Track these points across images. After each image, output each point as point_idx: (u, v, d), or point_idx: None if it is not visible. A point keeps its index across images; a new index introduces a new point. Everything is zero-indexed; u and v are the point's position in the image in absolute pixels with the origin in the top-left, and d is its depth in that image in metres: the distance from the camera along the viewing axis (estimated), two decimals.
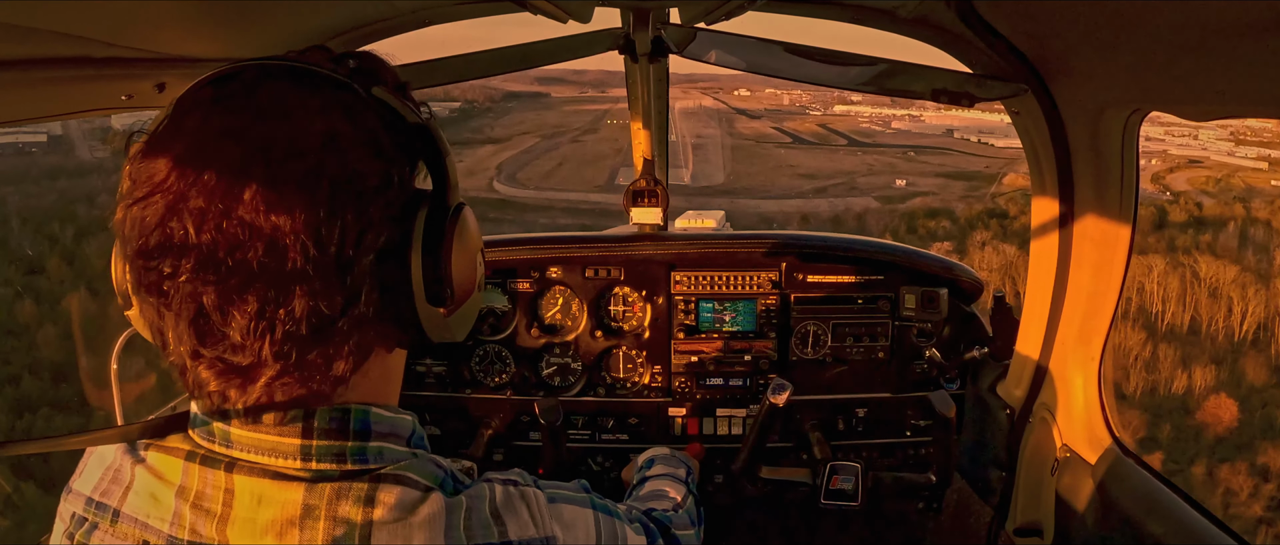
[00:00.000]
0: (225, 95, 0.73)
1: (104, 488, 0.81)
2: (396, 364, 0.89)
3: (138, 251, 0.70)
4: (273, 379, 0.73)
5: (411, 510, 0.76)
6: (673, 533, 1.26)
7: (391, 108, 0.78)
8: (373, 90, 0.78)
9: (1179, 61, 1.21)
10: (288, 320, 0.70)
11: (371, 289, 0.75)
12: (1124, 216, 1.68)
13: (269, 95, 0.73)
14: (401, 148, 0.78)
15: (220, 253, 0.68)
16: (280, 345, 0.71)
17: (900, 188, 75.09)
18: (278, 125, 0.71)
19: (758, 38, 1.71)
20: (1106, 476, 1.71)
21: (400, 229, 0.77)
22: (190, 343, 0.71)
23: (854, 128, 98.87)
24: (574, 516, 0.92)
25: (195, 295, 0.69)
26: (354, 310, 0.73)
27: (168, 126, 0.73)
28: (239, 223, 0.68)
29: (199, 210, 0.68)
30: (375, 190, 0.74)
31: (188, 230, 0.68)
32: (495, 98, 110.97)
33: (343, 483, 0.75)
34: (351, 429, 0.79)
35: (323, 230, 0.69)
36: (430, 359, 2.51)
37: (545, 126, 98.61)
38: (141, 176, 0.71)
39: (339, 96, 0.75)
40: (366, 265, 0.74)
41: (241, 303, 0.69)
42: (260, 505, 0.74)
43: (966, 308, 2.49)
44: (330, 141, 0.72)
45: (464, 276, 0.84)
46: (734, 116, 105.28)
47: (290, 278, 0.69)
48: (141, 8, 1.10)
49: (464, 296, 0.84)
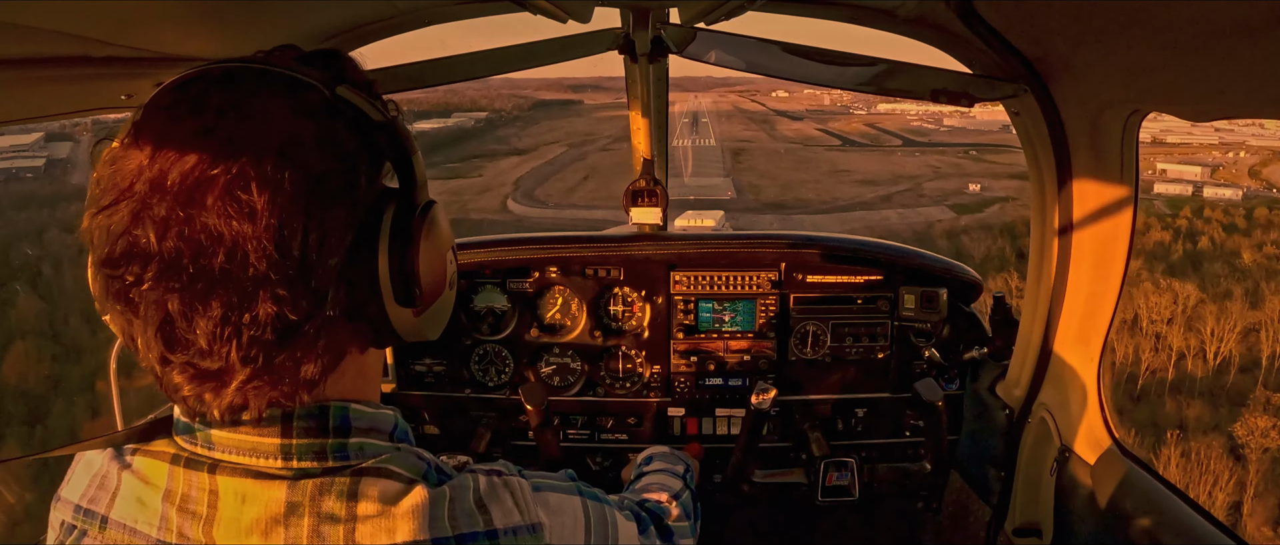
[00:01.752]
0: (187, 99, 0.73)
1: (92, 495, 0.81)
2: (372, 363, 0.89)
3: (104, 260, 0.70)
4: (244, 383, 0.72)
5: (395, 502, 0.76)
6: (666, 523, 1.25)
7: (356, 107, 0.77)
8: (337, 90, 0.77)
9: (1179, 61, 1.21)
10: (252, 325, 0.69)
11: (338, 291, 0.74)
12: (1124, 216, 1.69)
13: (230, 98, 0.72)
14: (367, 147, 0.78)
15: (184, 259, 0.67)
16: (247, 350, 0.70)
17: (975, 193, 65.24)
18: (238, 128, 0.70)
19: (757, 38, 1.71)
20: (1106, 476, 1.71)
21: (366, 230, 0.77)
22: (158, 349, 0.71)
23: (904, 126, 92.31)
24: (560, 503, 0.92)
25: (161, 302, 0.69)
26: (320, 313, 0.73)
27: (133, 132, 0.72)
28: (201, 228, 0.67)
29: (162, 218, 0.68)
30: (339, 191, 0.73)
31: (151, 237, 0.68)
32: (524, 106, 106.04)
33: (325, 479, 0.76)
34: (331, 426, 0.79)
35: (285, 234, 0.69)
36: (430, 359, 2.51)
37: (575, 135, 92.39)
38: (108, 183, 0.71)
39: (302, 97, 0.74)
40: (332, 267, 0.73)
41: (206, 309, 0.68)
42: (244, 504, 0.74)
43: (966, 308, 2.49)
44: (292, 144, 0.71)
45: (433, 276, 0.83)
46: (775, 119, 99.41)
47: (253, 283, 0.68)
48: (141, 8, 1.09)
49: (433, 296, 0.84)
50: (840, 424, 2.51)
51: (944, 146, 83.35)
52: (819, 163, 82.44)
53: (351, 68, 0.84)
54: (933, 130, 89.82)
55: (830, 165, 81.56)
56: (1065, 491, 1.84)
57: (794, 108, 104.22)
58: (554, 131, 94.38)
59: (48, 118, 1.30)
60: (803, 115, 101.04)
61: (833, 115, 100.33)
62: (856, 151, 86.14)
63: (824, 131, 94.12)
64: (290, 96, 0.74)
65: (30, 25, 0.94)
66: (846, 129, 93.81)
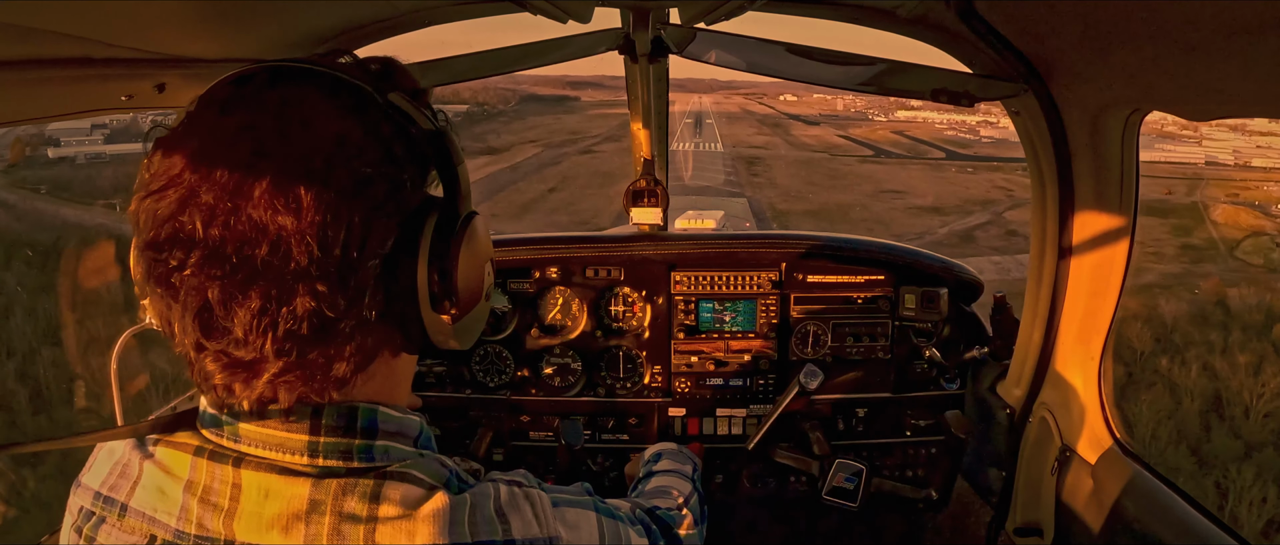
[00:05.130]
0: (242, 94, 0.75)
1: (112, 482, 0.82)
2: (403, 369, 0.89)
3: (148, 243, 0.72)
4: (275, 376, 0.73)
5: (416, 506, 0.76)
6: (675, 532, 1.26)
7: (406, 114, 0.79)
8: (389, 96, 0.79)
9: (1179, 61, 1.21)
10: (289, 319, 0.71)
11: (376, 293, 0.76)
12: (1124, 216, 1.69)
13: (284, 96, 0.74)
14: (413, 154, 0.79)
15: (227, 248, 0.69)
16: (282, 343, 0.71)
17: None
18: (290, 126, 0.72)
19: (758, 38, 1.71)
20: (1106, 476, 1.71)
21: (408, 235, 0.78)
22: (195, 335, 0.72)
23: (938, 136, 77.67)
24: (578, 518, 0.92)
25: (201, 289, 0.70)
26: (356, 312, 0.74)
27: (186, 122, 0.74)
28: (247, 220, 0.69)
29: (209, 206, 0.69)
30: (384, 195, 0.75)
31: (196, 225, 0.69)
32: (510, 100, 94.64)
33: (349, 479, 0.76)
34: (359, 427, 0.79)
35: (328, 232, 0.70)
36: (430, 359, 2.51)
37: (559, 132, 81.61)
38: (158, 170, 0.72)
39: (354, 100, 0.76)
40: (371, 269, 0.74)
41: (245, 299, 0.70)
42: (267, 499, 0.75)
43: (966, 308, 2.49)
44: (341, 145, 0.73)
45: (470, 285, 0.84)
46: (789, 123, 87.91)
47: (294, 277, 0.70)
48: (141, 8, 1.09)
49: (469, 305, 0.85)
50: (841, 424, 2.51)
51: (999, 162, 66.66)
52: (855, 179, 65.77)
53: (403, 75, 0.86)
54: (973, 141, 76.85)
55: (871, 182, 64.48)
56: (1066, 491, 1.84)
57: (806, 112, 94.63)
58: (537, 129, 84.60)
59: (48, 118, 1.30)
60: (818, 120, 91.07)
61: (851, 121, 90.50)
62: (896, 164, 70.94)
63: (847, 139, 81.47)
64: (344, 99, 0.76)
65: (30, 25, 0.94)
66: (873, 137, 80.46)
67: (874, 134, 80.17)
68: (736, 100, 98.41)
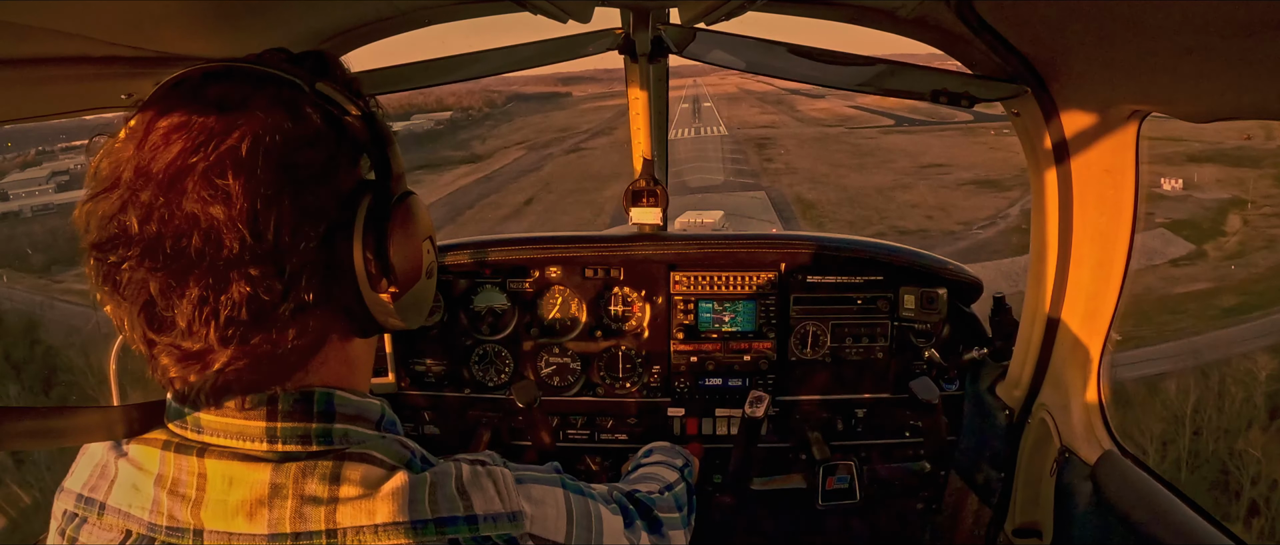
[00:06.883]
0: (178, 94, 0.77)
1: (92, 483, 0.84)
2: (358, 353, 0.90)
3: (93, 244, 0.74)
4: (226, 365, 0.75)
5: (376, 486, 0.78)
6: (655, 514, 1.25)
7: (336, 102, 0.81)
8: (317, 85, 0.81)
9: (1179, 61, 1.21)
10: (228, 306, 0.73)
11: (312, 276, 0.77)
12: (1124, 216, 1.69)
13: (215, 93, 0.77)
14: (344, 140, 0.81)
15: (164, 243, 0.71)
16: (224, 330, 0.73)
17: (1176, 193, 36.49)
18: (219, 119, 0.74)
19: (757, 38, 1.71)
20: (1105, 477, 1.71)
21: (342, 218, 0.80)
22: (143, 329, 0.75)
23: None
24: (543, 494, 0.93)
25: (143, 283, 0.72)
26: (295, 296, 0.76)
27: (128, 128, 0.77)
28: (181, 213, 0.71)
29: (146, 204, 0.72)
30: (314, 179, 0.77)
31: (133, 222, 0.72)
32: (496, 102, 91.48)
33: (308, 462, 0.78)
34: (315, 411, 0.81)
35: (259, 219, 0.72)
36: (430, 359, 2.51)
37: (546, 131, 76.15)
38: (101, 173, 0.75)
39: (283, 93, 0.79)
40: (306, 253, 0.76)
41: (184, 289, 0.72)
42: (231, 487, 0.77)
43: (966, 308, 2.49)
44: (269, 133, 0.75)
45: (408, 263, 0.86)
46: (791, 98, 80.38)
47: (227, 264, 0.72)
48: (141, 8, 1.09)
49: (409, 283, 0.87)
50: (840, 424, 2.51)
51: None
52: (884, 154, 53.15)
53: (334, 66, 0.88)
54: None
55: (905, 156, 52.39)
56: (1065, 492, 1.84)
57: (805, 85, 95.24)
58: (523, 131, 79.59)
59: (48, 117, 1.30)
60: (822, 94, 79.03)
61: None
62: (924, 132, 58.29)
63: (860, 110, 71.58)
64: (271, 91, 0.78)
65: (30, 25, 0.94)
66: (888, 104, 68.05)
67: (887, 100, 65.58)
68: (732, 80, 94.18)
